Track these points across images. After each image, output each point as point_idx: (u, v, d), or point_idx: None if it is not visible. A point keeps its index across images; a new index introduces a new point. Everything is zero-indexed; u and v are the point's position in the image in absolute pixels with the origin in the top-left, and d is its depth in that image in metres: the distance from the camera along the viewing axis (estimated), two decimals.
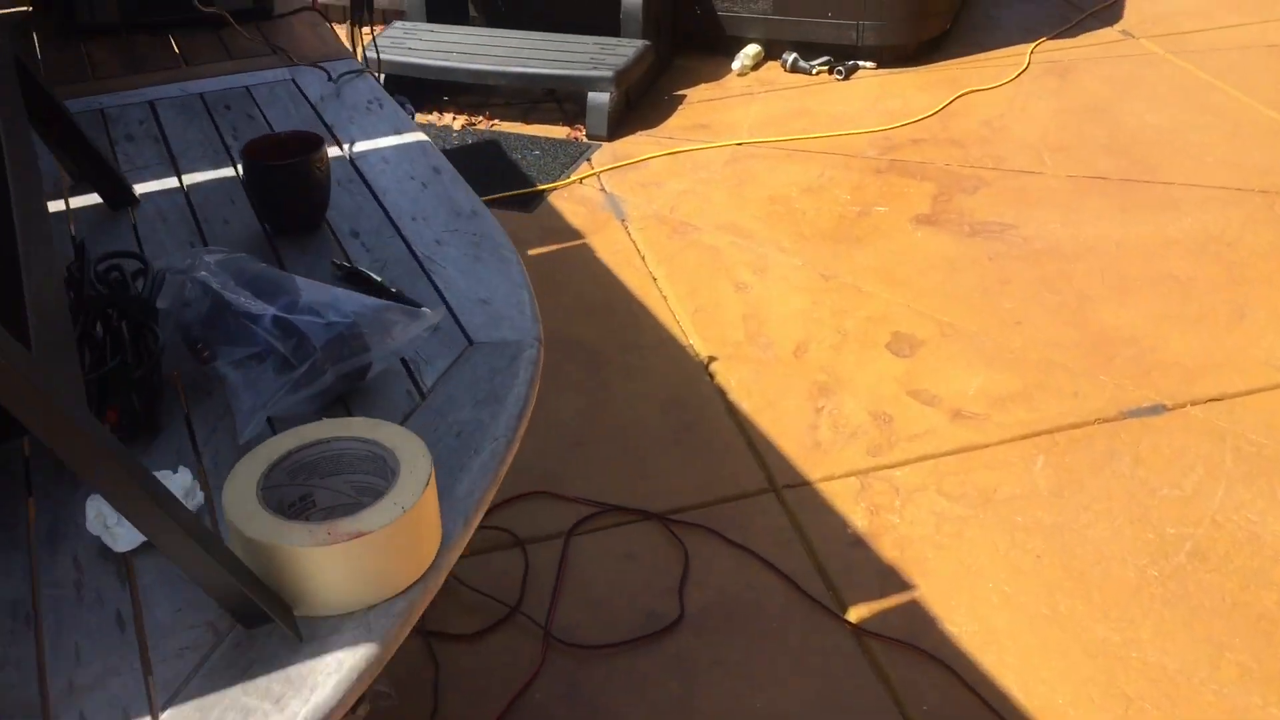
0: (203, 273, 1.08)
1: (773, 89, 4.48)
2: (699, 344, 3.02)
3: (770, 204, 3.66)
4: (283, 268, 1.41)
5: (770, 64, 4.65)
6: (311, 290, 1.13)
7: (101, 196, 1.49)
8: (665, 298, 3.22)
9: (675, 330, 3.08)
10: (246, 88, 1.85)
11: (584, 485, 2.55)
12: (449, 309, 1.30)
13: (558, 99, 4.39)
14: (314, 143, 1.47)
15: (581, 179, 3.86)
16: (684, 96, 4.43)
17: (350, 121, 1.73)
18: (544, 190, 3.79)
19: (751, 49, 4.61)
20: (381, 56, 4.25)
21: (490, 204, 3.74)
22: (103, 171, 1.45)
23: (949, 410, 2.73)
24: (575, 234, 3.56)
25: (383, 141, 1.63)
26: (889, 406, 2.76)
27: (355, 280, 1.36)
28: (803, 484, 2.54)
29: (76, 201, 1.52)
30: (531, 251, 3.48)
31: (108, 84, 1.87)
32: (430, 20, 4.57)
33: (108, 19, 1.96)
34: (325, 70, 1.83)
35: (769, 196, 3.70)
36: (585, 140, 4.12)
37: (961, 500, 2.47)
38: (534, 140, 4.12)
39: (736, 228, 3.53)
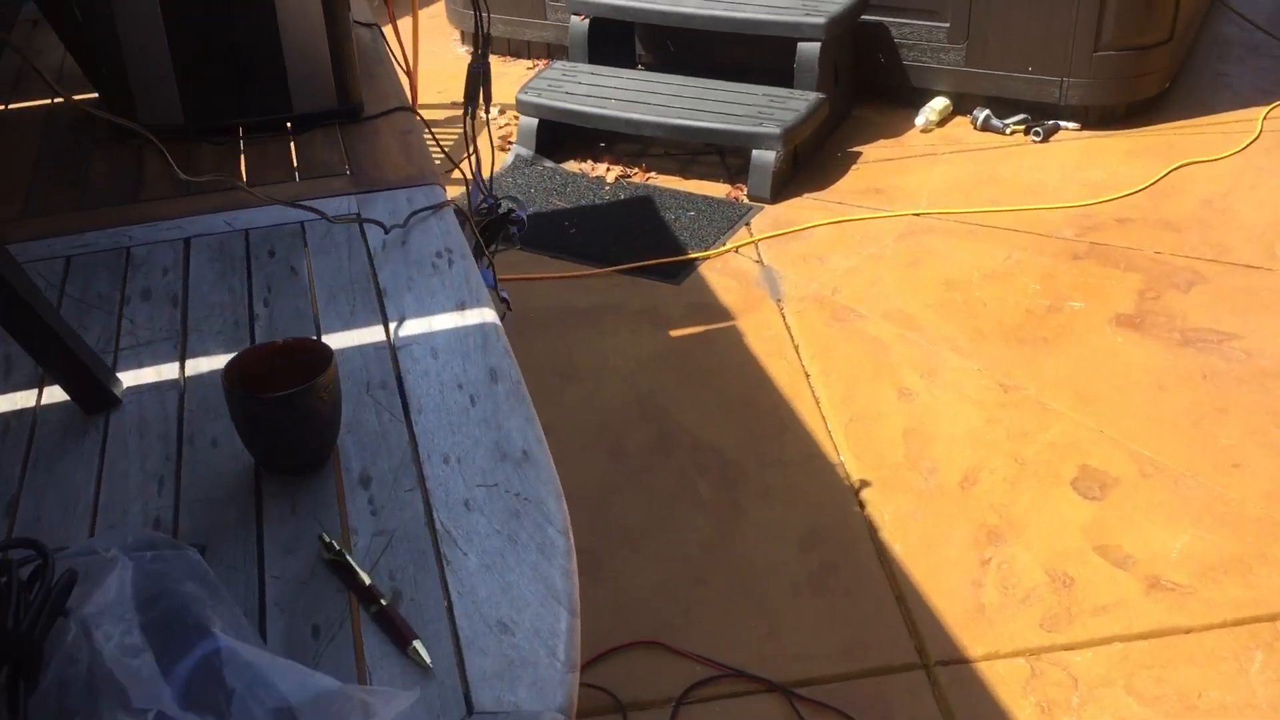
0: (96, 605, 0.78)
1: (959, 149, 4.04)
2: (851, 463, 2.64)
3: (946, 290, 3.24)
4: (260, 534, 1.11)
5: (958, 120, 4.21)
6: (236, 651, 0.81)
7: (73, 399, 1.23)
8: (818, 400, 2.85)
9: (825, 443, 2.71)
10: (301, 224, 1.57)
11: (702, 637, 2.22)
12: (454, 639, 0.95)
13: (720, 152, 4.05)
14: (320, 360, 1.15)
15: (738, 247, 3.52)
16: (859, 154, 4.03)
17: (408, 285, 1.42)
18: (695, 259, 3.47)
19: (938, 103, 4.18)
20: (535, 100, 4.00)
21: (636, 272, 3.45)
22: (76, 372, 1.20)
23: (1145, 577, 2.29)
24: (724, 313, 3.22)
25: (438, 321, 1.32)
26: (1071, 565, 2.33)
27: (340, 573, 1.04)
28: (960, 661, 2.14)
29: (50, 394, 1.26)
30: (674, 332, 3.16)
31: (148, 209, 1.62)
32: (592, 61, 4.30)
33: (172, 120, 1.71)
34: (381, 225, 1.50)
35: (946, 280, 3.28)
36: (746, 201, 3.77)
37: (1157, 704, 2.03)
38: (690, 199, 3.80)
39: (906, 317, 3.13)
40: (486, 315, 1.32)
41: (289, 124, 1.74)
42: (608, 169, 4.00)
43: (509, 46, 5.00)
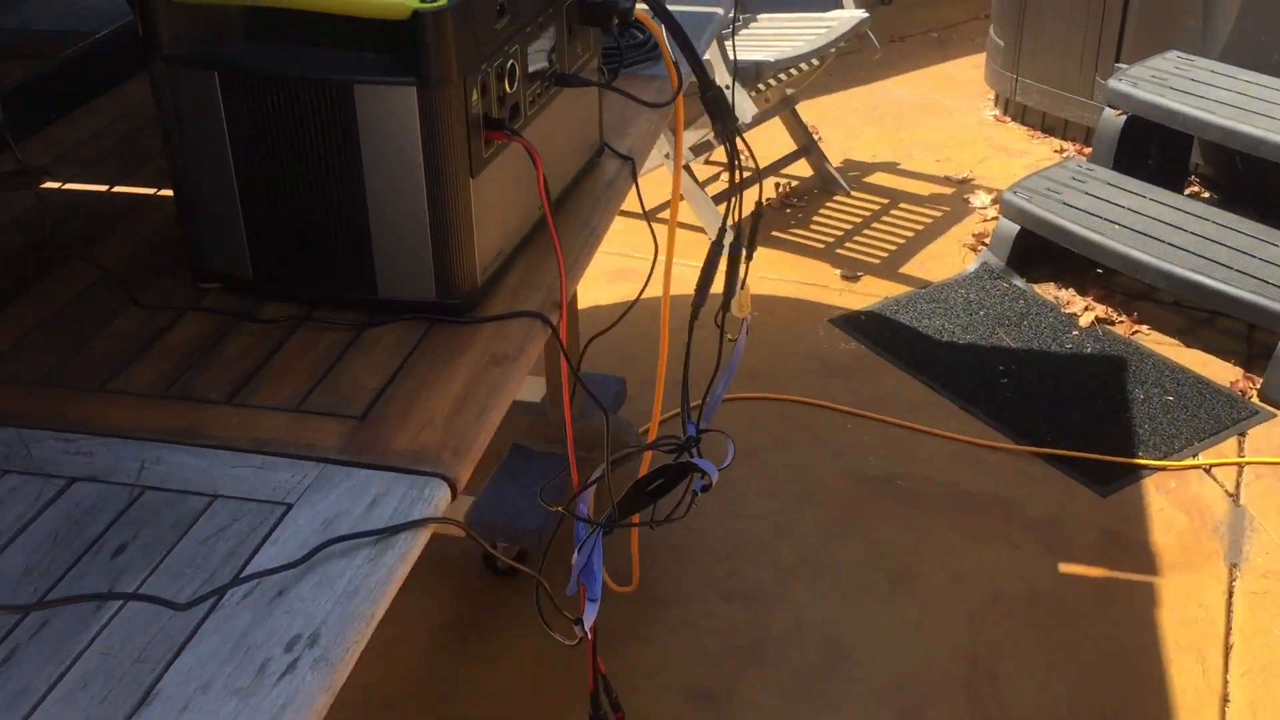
0: None
1: None
2: None
3: None
4: None
5: None
6: None
7: None
8: None
9: None
10: (216, 497, 1.05)
11: None
12: None
13: (1250, 322, 3.07)
14: None
15: (1210, 466, 2.61)
16: None
17: (192, 698, 0.82)
18: (1144, 466, 2.61)
19: None
20: (1021, 204, 3.27)
21: (1057, 461, 2.65)
22: None
23: None
24: (1148, 560, 2.37)
25: None
26: None
27: None
28: None
29: None
30: (1065, 566, 2.37)
31: (96, 410, 1.13)
32: (1119, 166, 3.45)
33: (241, 273, 1.31)
34: (170, 605, 0.86)
35: None
36: (1255, 401, 2.81)
37: None
38: (1179, 376, 2.90)
39: None
40: None
41: (375, 308, 1.27)
42: (1086, 307, 3.18)
43: (1043, 121, 4.23)
